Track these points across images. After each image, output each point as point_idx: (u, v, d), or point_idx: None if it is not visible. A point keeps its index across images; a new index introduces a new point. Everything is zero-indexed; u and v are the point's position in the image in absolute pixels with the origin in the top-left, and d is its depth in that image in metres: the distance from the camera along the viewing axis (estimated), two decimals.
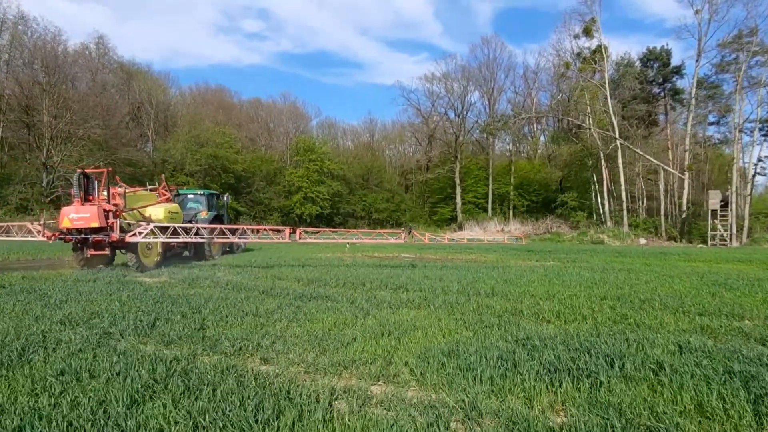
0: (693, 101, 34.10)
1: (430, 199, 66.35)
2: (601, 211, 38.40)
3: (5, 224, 14.95)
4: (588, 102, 36.89)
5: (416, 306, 7.99)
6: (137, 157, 39.85)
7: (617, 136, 35.02)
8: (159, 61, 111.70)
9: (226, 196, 20.91)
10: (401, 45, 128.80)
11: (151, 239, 13.44)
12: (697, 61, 34.22)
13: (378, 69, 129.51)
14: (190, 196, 20.36)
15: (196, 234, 14.25)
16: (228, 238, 14.97)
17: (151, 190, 16.51)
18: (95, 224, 12.66)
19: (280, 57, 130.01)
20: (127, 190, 14.56)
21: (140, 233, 13.13)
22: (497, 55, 63.51)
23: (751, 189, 33.30)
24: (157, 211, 15.25)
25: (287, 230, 16.19)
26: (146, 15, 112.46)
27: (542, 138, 66.98)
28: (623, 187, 35.64)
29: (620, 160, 35.41)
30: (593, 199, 41.75)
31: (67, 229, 12.98)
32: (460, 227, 51.65)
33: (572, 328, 6.30)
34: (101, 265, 14.06)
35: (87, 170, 13.55)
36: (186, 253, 17.53)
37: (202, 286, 10.55)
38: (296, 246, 26.59)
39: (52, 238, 13.29)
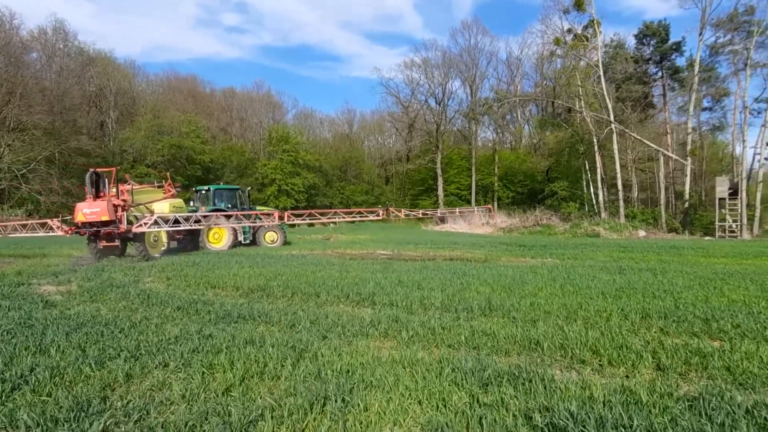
0: (696, 78, 31.68)
1: (411, 191, 63.82)
2: (595, 201, 35.89)
3: (30, 222, 16.40)
4: (579, 83, 34.39)
5: (381, 333, 5.49)
6: (91, 147, 36.39)
7: (612, 119, 32.55)
8: (139, 55, 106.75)
9: (247, 189, 22.21)
10: (382, 38, 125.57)
11: (154, 229, 15.09)
12: (700, 34, 31.51)
13: (359, 62, 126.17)
14: (202, 192, 20.93)
15: (197, 222, 16.84)
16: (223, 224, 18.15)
17: (158, 186, 17.98)
18: (105, 218, 13.89)
19: (261, 50, 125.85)
20: (134, 187, 15.94)
21: (145, 224, 14.75)
22: (479, 40, 61.07)
23: (763, 175, 31.06)
24: (162, 206, 16.73)
25: (276, 213, 18.75)
26: (126, 9, 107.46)
27: (527, 128, 64.91)
28: (619, 175, 33.16)
29: (615, 146, 32.84)
30: (585, 188, 39.39)
31: (82, 223, 14.27)
32: (442, 220, 49.27)
33: (630, 380, 3.86)
34: (113, 256, 15.15)
35: (98, 169, 14.96)
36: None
37: (105, 300, 7.97)
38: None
39: (69, 232, 15.01)
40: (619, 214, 32.56)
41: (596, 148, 34.61)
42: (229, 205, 20.60)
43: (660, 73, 40.91)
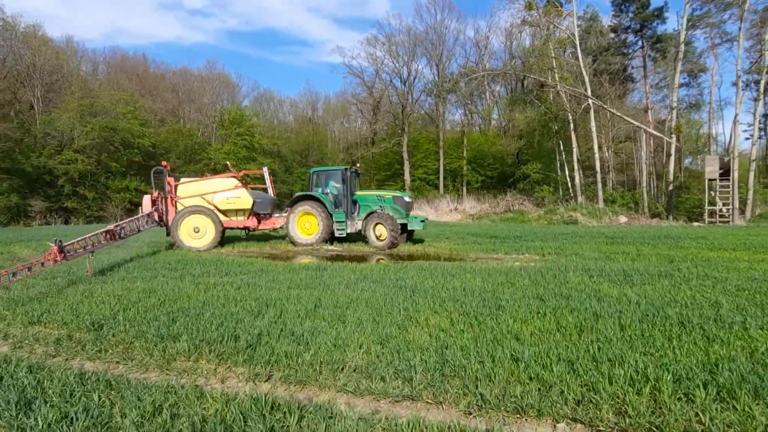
0: (682, 47, 29.21)
1: (377, 176, 60.69)
2: (570, 184, 33.30)
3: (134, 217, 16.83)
4: (553, 54, 31.65)
5: None
6: (2, 131, 31.82)
7: (589, 93, 29.97)
8: (99, 39, 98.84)
9: (355, 168, 18.48)
10: (350, 22, 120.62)
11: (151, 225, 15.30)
12: None
13: (328, 47, 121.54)
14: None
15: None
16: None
17: (232, 176, 17.36)
18: (145, 210, 15.32)
19: (226, 35, 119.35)
20: (199, 178, 17.17)
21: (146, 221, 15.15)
22: (445, 16, 57.96)
23: (758, 153, 28.86)
24: (213, 197, 16.40)
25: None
26: None
27: (495, 110, 62.34)
28: (596, 156, 30.70)
29: (593, 123, 30.32)
30: (558, 171, 36.88)
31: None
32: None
33: None
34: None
35: (163, 165, 16.08)
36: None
37: None
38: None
39: None
40: (597, 198, 30.08)
41: (572, 126, 32.01)
42: (328, 191, 17.10)
43: (640, 43, 38.50)
